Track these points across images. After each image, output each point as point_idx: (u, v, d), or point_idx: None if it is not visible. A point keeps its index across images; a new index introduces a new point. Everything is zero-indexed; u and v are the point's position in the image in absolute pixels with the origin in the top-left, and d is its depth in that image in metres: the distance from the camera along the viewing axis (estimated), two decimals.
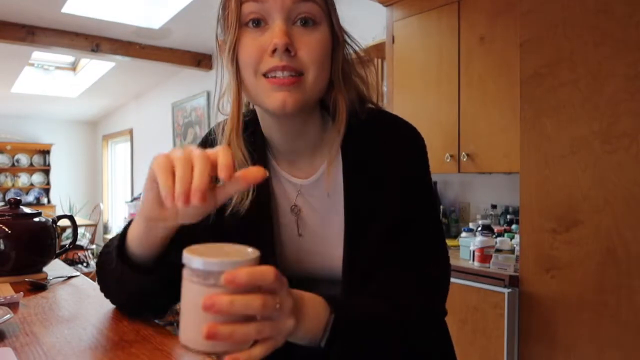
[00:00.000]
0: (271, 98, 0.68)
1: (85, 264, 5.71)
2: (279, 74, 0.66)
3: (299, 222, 0.81)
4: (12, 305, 0.89)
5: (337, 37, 0.72)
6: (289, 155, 0.80)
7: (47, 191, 8.60)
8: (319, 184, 0.79)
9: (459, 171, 2.52)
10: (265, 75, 0.67)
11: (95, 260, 5.92)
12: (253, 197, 0.77)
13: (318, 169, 0.79)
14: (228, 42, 0.70)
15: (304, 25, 0.67)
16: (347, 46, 0.76)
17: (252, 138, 0.80)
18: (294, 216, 0.81)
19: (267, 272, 0.45)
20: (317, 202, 0.80)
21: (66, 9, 3.77)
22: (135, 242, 0.67)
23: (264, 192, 0.79)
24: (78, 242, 5.57)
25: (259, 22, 0.68)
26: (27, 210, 1.21)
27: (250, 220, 0.78)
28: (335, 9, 0.72)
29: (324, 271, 0.80)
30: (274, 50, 0.65)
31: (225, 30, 0.71)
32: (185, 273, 0.46)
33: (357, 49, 0.77)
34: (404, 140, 0.76)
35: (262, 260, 0.77)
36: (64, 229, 5.87)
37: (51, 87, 6.54)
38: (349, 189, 0.76)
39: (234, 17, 0.68)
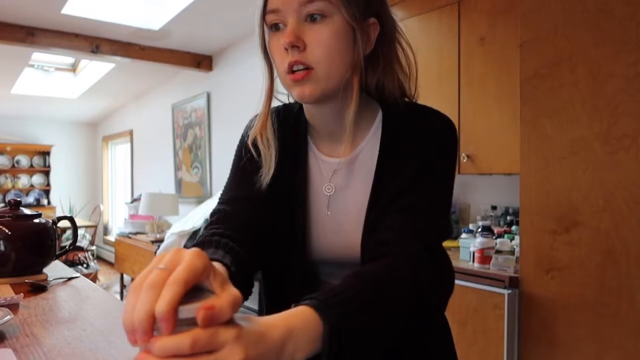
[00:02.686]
0: (294, 91, 0.77)
1: (85, 265, 5.70)
2: (294, 68, 0.74)
3: (331, 200, 0.85)
4: (13, 307, 0.89)
5: (358, 25, 0.74)
6: (329, 136, 0.85)
7: (47, 192, 8.59)
8: (355, 162, 0.84)
9: (459, 172, 2.52)
10: (288, 72, 0.75)
11: (94, 261, 5.92)
12: (289, 179, 0.84)
13: (355, 149, 0.84)
14: (260, 46, 0.81)
15: (313, 21, 0.73)
16: (395, 35, 0.81)
17: (295, 122, 0.88)
18: (326, 194, 0.85)
19: (180, 342, 0.40)
20: (350, 180, 0.84)
21: (66, 10, 3.77)
22: None
23: (299, 173, 0.86)
24: (78, 244, 5.56)
25: (278, 27, 0.76)
26: (27, 211, 1.21)
27: (285, 200, 0.85)
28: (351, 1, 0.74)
29: (351, 252, 0.82)
30: (287, 49, 0.74)
31: (259, 40, 0.81)
32: None
33: (401, 39, 0.83)
34: (436, 127, 0.81)
35: (292, 240, 0.82)
36: (64, 230, 5.86)
37: (51, 88, 6.54)
38: (380, 171, 0.80)
39: (260, 25, 0.78)
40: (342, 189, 0.84)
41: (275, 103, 0.87)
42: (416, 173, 0.77)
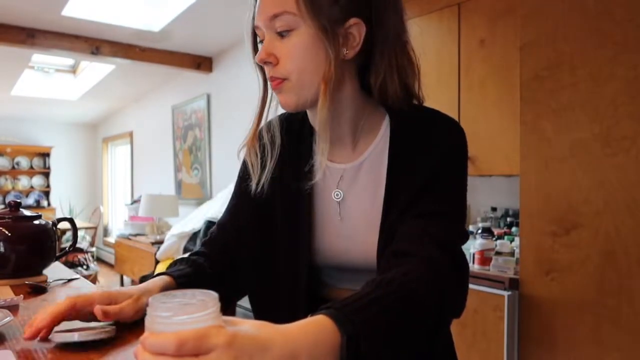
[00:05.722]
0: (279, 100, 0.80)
1: (85, 267, 5.70)
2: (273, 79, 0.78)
3: (341, 206, 0.84)
4: (13, 308, 0.89)
5: (326, 34, 0.72)
6: (333, 141, 0.84)
7: (47, 194, 8.59)
8: (362, 167, 0.83)
9: None
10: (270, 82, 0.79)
11: (94, 262, 5.92)
12: (295, 186, 0.84)
13: (362, 154, 0.83)
14: (252, 57, 0.82)
15: (282, 36, 0.75)
16: (399, 34, 0.79)
17: (300, 128, 0.89)
18: (335, 201, 0.84)
19: (167, 342, 0.41)
20: (359, 185, 0.83)
21: (66, 11, 3.78)
22: None
23: (305, 180, 0.84)
24: (78, 245, 5.56)
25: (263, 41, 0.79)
26: (27, 213, 1.21)
27: (292, 208, 0.85)
28: (316, 9, 0.72)
29: (361, 257, 0.81)
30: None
31: (252, 53, 0.83)
32: None
33: (405, 38, 0.81)
34: (444, 130, 0.80)
35: (299, 245, 0.83)
36: (64, 231, 5.86)
37: (51, 89, 6.54)
38: (391, 179, 0.79)
39: (252, 36, 0.82)
40: (350, 195, 0.83)
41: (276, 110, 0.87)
42: (427, 179, 0.76)
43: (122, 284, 5.47)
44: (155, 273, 0.90)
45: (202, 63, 5.10)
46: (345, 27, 0.74)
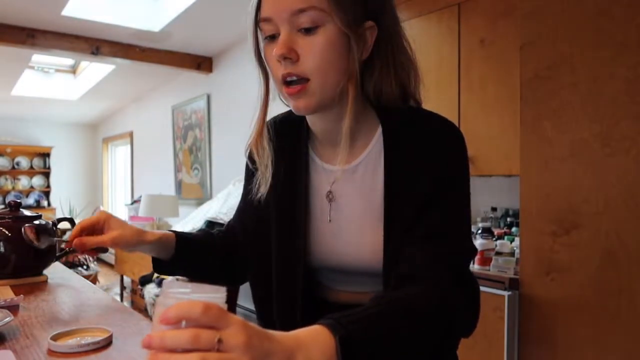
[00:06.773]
0: (290, 103, 0.77)
1: (85, 267, 5.70)
2: (288, 79, 0.73)
3: (332, 208, 0.84)
4: (12, 308, 0.89)
5: (353, 32, 0.72)
6: (331, 143, 0.84)
7: (47, 194, 8.59)
8: (357, 170, 0.82)
9: None
10: (283, 83, 0.74)
11: (94, 262, 5.92)
12: (290, 186, 0.84)
13: (358, 157, 0.82)
14: (254, 52, 0.80)
15: (306, 32, 0.72)
16: (394, 36, 0.79)
17: (297, 129, 0.88)
18: (327, 202, 0.84)
19: (193, 305, 0.43)
20: (352, 188, 0.82)
21: (66, 11, 3.78)
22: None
23: (299, 180, 0.85)
24: None
25: (273, 36, 0.74)
26: (27, 213, 1.21)
27: (285, 208, 0.85)
28: (344, 6, 0.71)
29: (357, 260, 0.81)
30: (279, 60, 0.73)
31: (253, 47, 0.80)
32: None
33: (401, 40, 0.80)
34: (443, 135, 0.78)
35: (294, 245, 0.84)
36: (64, 231, 5.85)
37: (51, 89, 6.54)
38: (389, 179, 0.78)
39: (253, 31, 0.77)
40: (343, 198, 0.83)
41: (278, 108, 0.86)
42: (429, 192, 0.75)
43: (122, 284, 5.47)
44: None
45: (202, 63, 5.10)
46: (364, 29, 0.74)
